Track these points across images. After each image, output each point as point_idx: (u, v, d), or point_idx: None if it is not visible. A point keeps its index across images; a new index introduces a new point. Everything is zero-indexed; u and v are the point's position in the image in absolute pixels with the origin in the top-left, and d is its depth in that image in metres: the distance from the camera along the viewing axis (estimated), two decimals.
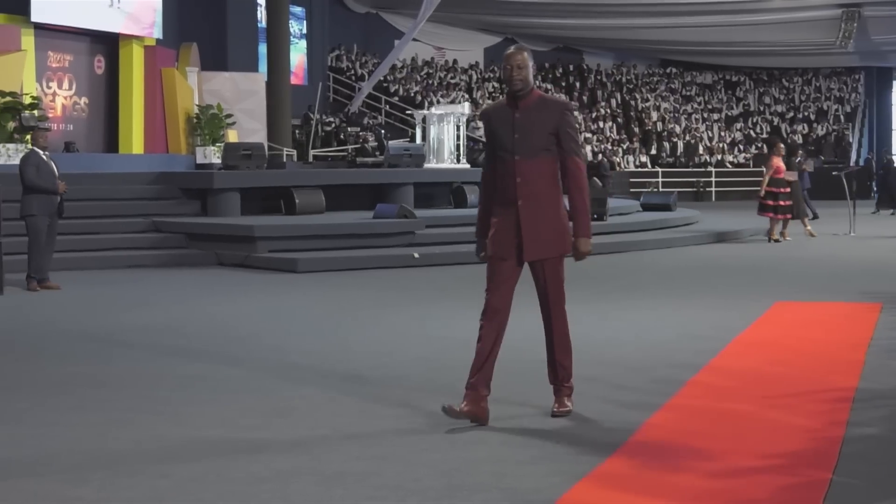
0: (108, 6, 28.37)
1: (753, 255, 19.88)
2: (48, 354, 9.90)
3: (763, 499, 5.38)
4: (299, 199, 20.95)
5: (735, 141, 49.05)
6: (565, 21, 46.85)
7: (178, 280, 16.16)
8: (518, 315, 7.70)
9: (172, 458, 6.22)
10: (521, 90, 6.87)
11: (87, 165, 23.86)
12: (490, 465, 6.02)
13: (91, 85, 29.22)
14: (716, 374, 8.66)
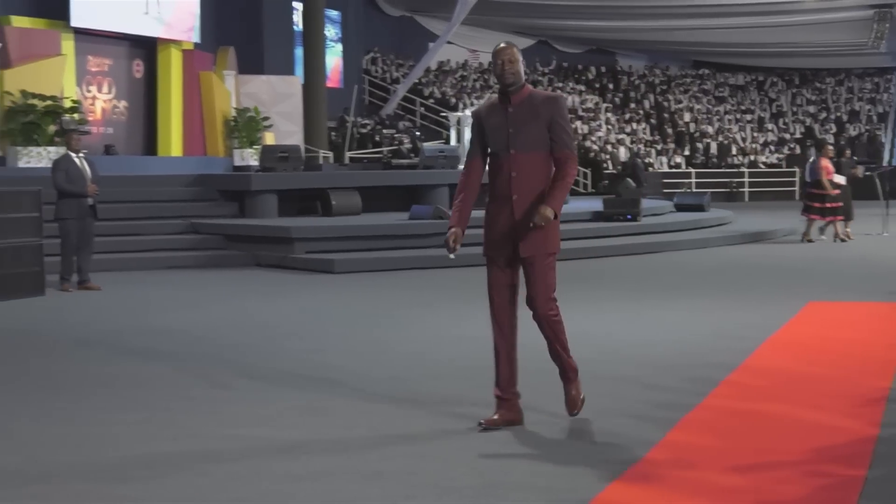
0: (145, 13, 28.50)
1: (787, 256, 19.79)
2: (89, 354, 9.95)
3: (797, 498, 5.36)
4: (336, 201, 20.99)
5: (767, 142, 48.85)
6: (598, 23, 46.81)
7: (217, 281, 16.23)
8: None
9: (212, 456, 6.25)
10: (512, 84, 6.76)
11: (126, 168, 24.02)
12: (525, 464, 6.02)
13: (130, 88, 29.36)
14: (750, 374, 8.63)
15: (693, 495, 5.38)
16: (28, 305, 13.60)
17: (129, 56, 29.26)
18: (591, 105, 49.83)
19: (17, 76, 25.02)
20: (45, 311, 13.07)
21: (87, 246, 15.17)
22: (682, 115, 50.43)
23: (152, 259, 18.25)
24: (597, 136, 46.54)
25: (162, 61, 29.66)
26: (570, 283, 15.25)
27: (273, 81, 33.36)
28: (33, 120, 24.57)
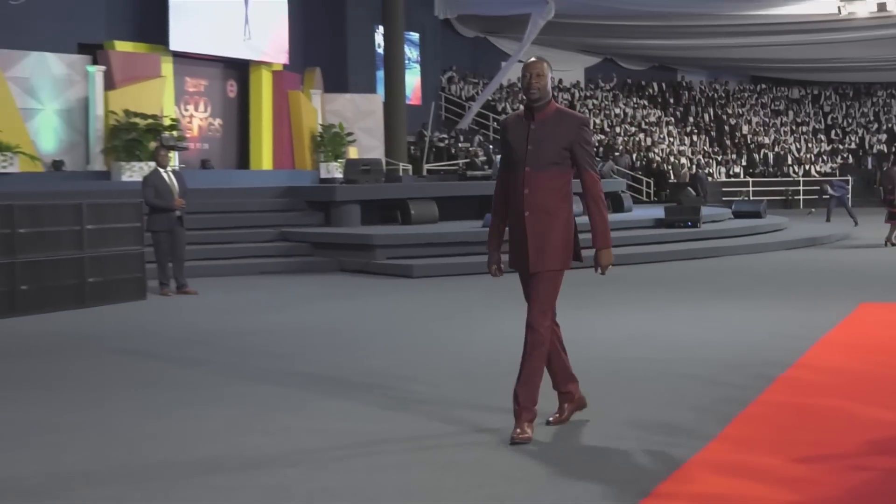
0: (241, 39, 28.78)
1: (839, 260, 19.58)
2: (187, 354, 10.06)
3: (851, 488, 5.30)
4: (414, 210, 21.05)
5: (821, 152, 48.42)
6: (661, 41, 46.61)
7: (304, 285, 16.33)
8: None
9: (299, 448, 6.29)
10: (538, 100, 6.41)
11: (220, 181, 24.28)
12: (590, 455, 6.01)
13: (224, 107, 29.67)
14: (804, 371, 8.55)
15: (752, 484, 5.35)
16: (131, 309, 13.76)
17: (224, 77, 29.57)
18: (653, 119, 49.58)
19: (121, 97, 25.36)
20: (147, 315, 13.22)
21: (179, 254, 15.29)
22: (740, 127, 50.09)
23: (245, 265, 18.41)
24: (659, 148, 46.31)
25: (254, 82, 29.95)
26: (634, 287, 15.23)
27: (356, 100, 33.54)
28: (135, 137, 24.88)
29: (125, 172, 24.34)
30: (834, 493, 5.23)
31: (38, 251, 13.35)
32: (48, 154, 24.61)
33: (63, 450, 6.36)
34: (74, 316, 13.06)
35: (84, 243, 13.92)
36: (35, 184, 21.85)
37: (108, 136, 25.18)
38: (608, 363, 9.01)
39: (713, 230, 23.54)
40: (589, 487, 5.37)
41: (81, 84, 25.35)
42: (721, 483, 5.42)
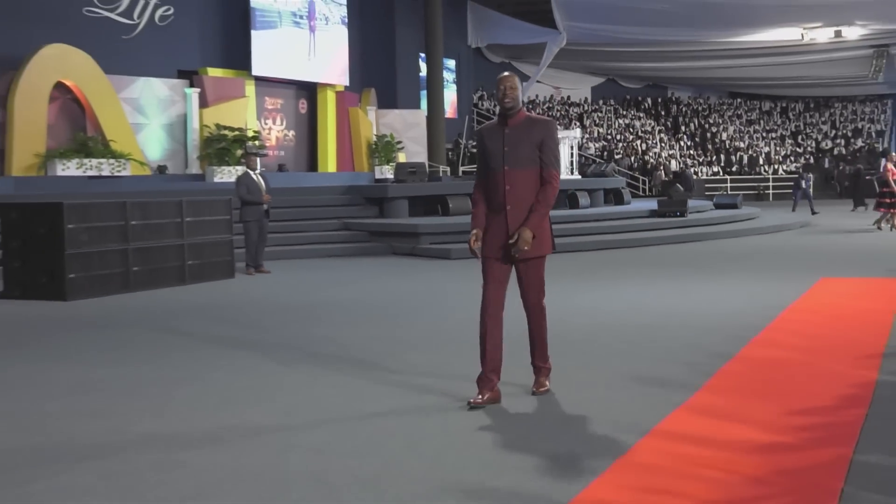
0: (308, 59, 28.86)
1: (802, 243, 19.45)
2: (266, 321, 10.11)
3: (813, 427, 5.28)
4: (452, 204, 21.05)
5: (787, 154, 48.08)
6: (654, 64, 46.41)
7: (363, 266, 16.37)
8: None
9: (361, 402, 6.31)
10: (511, 108, 6.06)
11: (294, 181, 24.41)
12: (597, 400, 6.01)
13: (297, 121, 29.79)
14: (774, 333, 8.51)
15: (733, 426, 5.33)
16: (222, 285, 13.86)
17: (296, 96, 29.69)
18: (648, 128, 49.36)
19: (213, 113, 25.53)
20: (235, 289, 13.30)
21: (263, 241, 15.44)
22: (720, 134, 49.77)
23: (313, 250, 18.45)
24: (653, 151, 46.08)
25: (320, 100, 30.06)
26: (633, 266, 15.18)
27: (404, 114, 33.62)
28: (224, 146, 25.08)
29: (216, 175, 24.52)
30: (801, 434, 5.20)
31: (147, 239, 13.45)
32: (154, 160, 24.81)
33: (171, 398, 6.44)
34: (177, 291, 13.15)
35: (184, 233, 14.02)
36: (143, 185, 22.05)
37: (203, 145, 25.36)
38: (611, 329, 9.00)
39: (698, 219, 23.42)
40: (598, 426, 5.37)
41: (180, 103, 25.53)
42: (707, 424, 5.41)
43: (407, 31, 35.08)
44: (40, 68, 22.18)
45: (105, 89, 23.46)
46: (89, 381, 7.07)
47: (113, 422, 5.80)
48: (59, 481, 4.63)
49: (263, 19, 27.49)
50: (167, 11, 25.41)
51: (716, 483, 4.37)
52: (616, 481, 4.44)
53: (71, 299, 12.19)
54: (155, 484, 4.55)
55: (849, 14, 37.64)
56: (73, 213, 12.46)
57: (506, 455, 4.91)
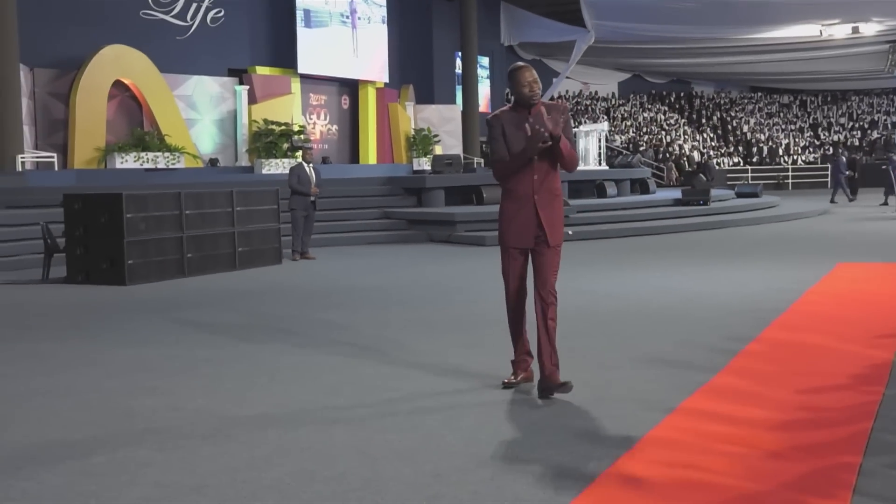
0: (352, 55, 28.88)
1: (820, 229, 19.25)
2: (311, 304, 10.13)
3: (833, 407, 5.23)
4: (486, 194, 21.00)
5: (806, 145, 47.59)
6: (678, 60, 46.02)
7: (402, 252, 16.38)
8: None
9: (399, 374, 6.34)
10: (535, 99, 5.70)
11: (338, 173, 24.42)
12: (625, 380, 5.98)
13: (340, 116, 29.84)
14: (793, 316, 8.43)
15: (753, 407, 5.28)
16: (270, 270, 13.92)
17: (339, 93, 29.74)
18: (672, 121, 49.01)
19: (261, 109, 25.64)
20: (282, 274, 13.35)
21: (309, 229, 15.49)
22: (741, 126, 49.34)
23: (356, 237, 18.50)
24: (676, 144, 45.76)
25: (362, 96, 30.11)
26: (658, 252, 15.09)
27: (441, 109, 33.56)
28: (272, 140, 25.19)
29: (265, 167, 24.62)
30: (820, 412, 5.16)
31: (200, 227, 13.53)
32: (206, 154, 24.97)
33: (223, 376, 6.47)
34: (228, 276, 13.23)
35: (234, 221, 14.09)
36: (197, 176, 22.18)
37: (252, 139, 25.48)
38: (638, 310, 8.96)
39: (720, 207, 23.23)
40: (625, 404, 5.35)
41: (231, 100, 25.65)
42: (729, 403, 5.36)
43: (443, 31, 35.01)
44: (100, 68, 22.37)
45: (160, 87, 23.62)
46: (147, 360, 7.12)
47: (169, 399, 5.84)
48: (118, 455, 4.67)
49: (315, 18, 27.56)
50: (218, 13, 25.51)
51: (737, 458, 4.33)
52: (643, 457, 4.41)
53: (130, 284, 12.29)
54: (208, 457, 4.58)
55: (866, 11, 37.11)
56: (131, 203, 12.57)
57: (538, 431, 4.90)
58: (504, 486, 4.03)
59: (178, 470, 4.39)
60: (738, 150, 46.99)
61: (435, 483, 4.11)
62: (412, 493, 3.99)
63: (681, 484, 4.02)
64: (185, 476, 4.30)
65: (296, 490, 4.07)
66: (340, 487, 4.09)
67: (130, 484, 4.21)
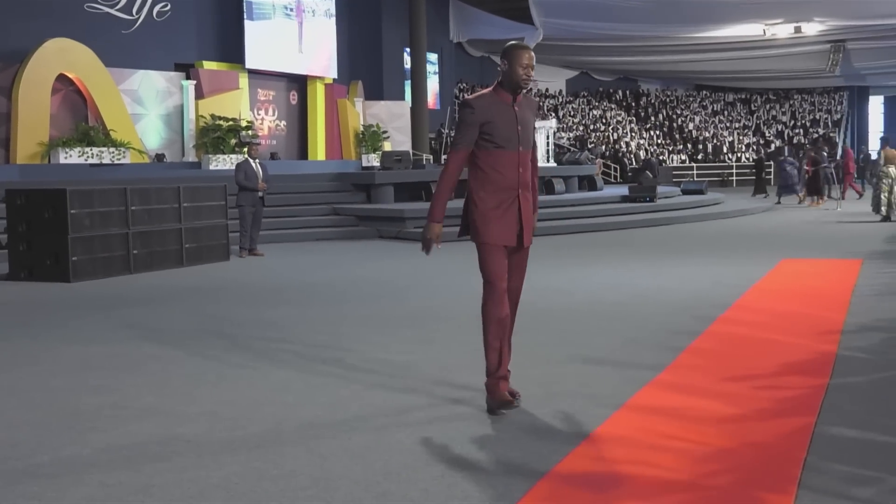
0: (298, 52, 28.71)
1: (764, 226, 19.51)
2: (262, 301, 10.06)
3: (779, 399, 5.29)
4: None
5: (750, 143, 48.19)
6: (625, 58, 46.43)
7: (351, 249, 16.33)
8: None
9: (351, 370, 6.29)
10: (527, 87, 5.24)
11: (286, 168, 24.29)
12: (575, 377, 6.00)
13: (288, 112, 29.62)
14: (740, 311, 8.52)
15: (700, 400, 5.33)
16: (218, 267, 13.80)
17: (287, 89, 29.51)
18: (619, 119, 49.37)
19: (208, 104, 25.37)
20: (230, 271, 13.24)
21: (257, 225, 15.37)
22: (687, 124, 49.83)
23: (305, 233, 18.41)
24: (623, 141, 46.10)
25: (310, 92, 29.90)
26: (606, 248, 15.18)
27: (389, 105, 33.46)
28: (220, 135, 24.92)
29: (212, 163, 24.37)
30: (765, 406, 5.21)
31: (147, 223, 13.37)
32: (152, 149, 24.64)
33: (170, 374, 6.39)
34: (175, 273, 13.09)
35: (182, 217, 13.94)
36: (143, 172, 21.90)
37: (199, 134, 25.20)
38: (587, 306, 9.00)
39: (666, 204, 23.46)
40: (574, 400, 5.36)
41: (177, 94, 25.35)
42: (677, 398, 5.40)
43: (392, 26, 34.91)
44: (43, 61, 21.98)
45: (105, 81, 23.27)
46: (92, 358, 7.01)
47: (114, 397, 5.75)
48: (63, 454, 4.58)
49: (258, 10, 27.32)
50: (164, 7, 25.19)
51: (685, 453, 4.36)
52: (592, 453, 4.42)
53: (74, 281, 12.11)
54: (154, 456, 4.51)
55: (808, 11, 37.70)
56: (76, 198, 12.37)
57: (487, 428, 4.89)
58: (454, 484, 4.03)
59: (123, 470, 4.32)
60: (685, 148, 47.48)
61: (385, 481, 4.09)
62: (362, 492, 3.96)
63: (629, 479, 4.03)
64: (130, 476, 4.23)
65: (244, 489, 4.02)
66: (289, 486, 4.05)
67: (75, 484, 4.13)
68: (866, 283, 10.19)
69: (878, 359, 6.38)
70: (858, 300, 8.99)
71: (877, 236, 16.22)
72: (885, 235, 16.39)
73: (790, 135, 49.05)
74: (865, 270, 11.38)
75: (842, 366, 6.14)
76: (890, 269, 11.62)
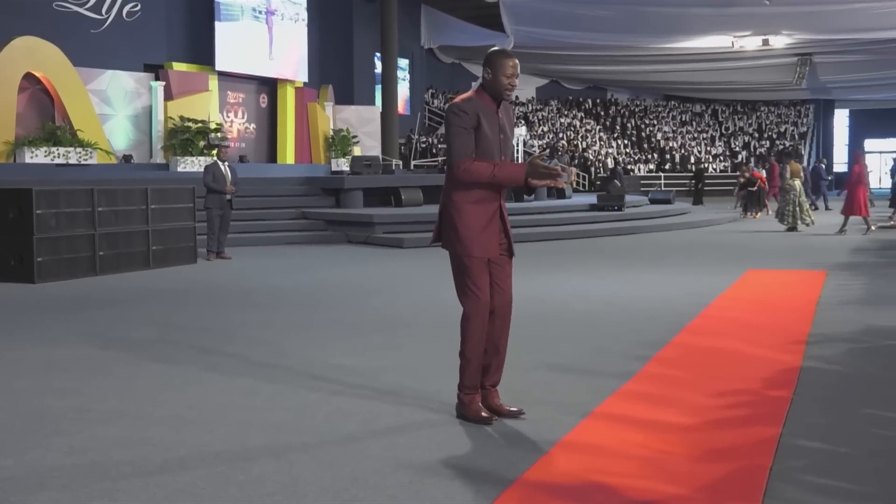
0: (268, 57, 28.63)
1: (730, 236, 19.66)
2: (229, 304, 10.00)
3: (743, 410, 5.32)
4: (405, 196, 21.00)
5: (717, 154, 48.55)
6: (595, 67, 46.68)
7: (320, 253, 16.28)
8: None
9: (317, 376, 6.27)
10: (510, 97, 5.09)
11: (255, 172, 24.22)
12: (543, 385, 6.00)
13: (258, 115, 29.55)
14: (706, 321, 8.58)
15: (667, 411, 5.35)
16: (185, 270, 13.71)
17: (257, 91, 29.45)
18: (588, 127, 49.59)
19: (177, 106, 25.25)
20: (197, 274, 13.16)
21: (225, 228, 15.28)
22: (655, 134, 50.13)
23: (273, 237, 18.33)
24: (592, 149, 46.32)
25: (280, 95, 29.86)
26: (575, 256, 15.24)
27: (360, 110, 33.47)
28: (188, 137, 24.83)
29: (180, 164, 24.27)
30: (731, 415, 5.24)
31: (114, 225, 13.26)
32: (120, 150, 24.50)
33: (136, 377, 6.33)
34: (142, 275, 12.99)
35: (149, 219, 13.84)
36: (110, 173, 21.75)
37: (167, 136, 25.08)
38: (555, 314, 9.02)
39: (634, 213, 23.60)
40: (542, 408, 5.36)
41: (146, 95, 25.21)
42: (644, 407, 5.42)
43: (363, 32, 34.92)
44: (10, 59, 21.77)
45: (73, 81, 23.09)
46: (57, 360, 6.94)
47: (79, 400, 5.69)
48: (26, 458, 4.53)
49: (226, 12, 27.21)
50: (134, 7, 25.04)
51: (651, 461, 4.38)
52: (560, 461, 4.43)
53: (39, 282, 11.98)
54: (119, 460, 4.47)
55: (776, 24, 38.11)
56: (42, 198, 12.25)
57: (456, 435, 4.89)
58: (422, 491, 4.02)
59: (88, 474, 4.27)
60: (653, 157, 47.75)
61: (353, 487, 4.07)
62: (330, 498, 3.94)
63: (596, 488, 4.05)
64: (95, 480, 4.18)
65: (210, 494, 3.99)
66: (256, 492, 4.03)
67: (39, 488, 4.08)
68: (831, 294, 10.29)
69: (842, 369, 6.45)
70: (823, 311, 9.07)
71: (841, 248, 16.40)
72: (849, 247, 16.57)
73: (756, 146, 49.48)
74: (830, 281, 11.50)
75: (807, 376, 6.19)
76: (854, 280, 11.75)
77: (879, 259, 14.52)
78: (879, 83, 46.22)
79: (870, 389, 5.88)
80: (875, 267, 13.31)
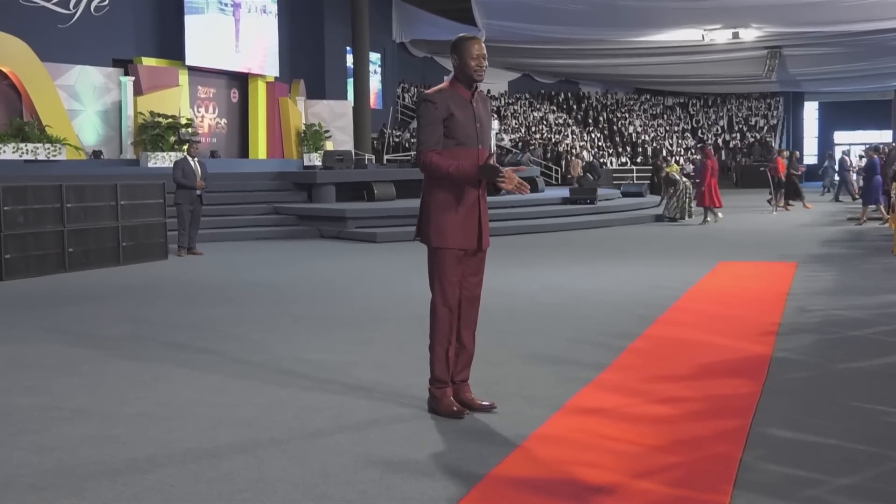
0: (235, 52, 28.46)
1: (702, 229, 19.75)
2: (200, 300, 9.94)
3: (716, 399, 5.34)
4: (377, 190, 20.95)
5: (688, 146, 48.79)
6: (566, 61, 46.68)
7: (292, 248, 16.21)
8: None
9: (288, 374, 6.24)
10: (481, 80, 5.03)
11: (226, 167, 24.05)
12: (515, 379, 6.00)
13: (229, 110, 29.36)
14: (677, 313, 8.61)
15: (638, 403, 5.36)
16: (156, 266, 13.61)
17: (228, 86, 29.25)
18: (560, 121, 49.66)
19: (147, 101, 25.04)
20: (168, 270, 13.08)
21: (196, 224, 15.20)
22: (627, 127, 50.29)
23: (244, 233, 18.25)
24: (565, 143, 46.39)
25: (252, 90, 29.67)
26: (547, 250, 15.25)
27: (332, 104, 33.31)
28: (159, 132, 24.59)
29: (150, 160, 24.04)
30: (702, 407, 5.26)
31: (83, 221, 13.15)
32: (89, 145, 24.25)
33: (104, 374, 6.27)
34: (112, 272, 12.89)
35: (119, 215, 13.73)
36: (79, 169, 21.52)
37: (137, 131, 24.85)
38: (527, 307, 9.03)
39: (606, 206, 23.61)
40: (514, 401, 5.35)
41: (116, 91, 24.97)
42: (615, 399, 5.43)
43: (335, 25, 34.76)
44: None
45: (41, 76, 22.84)
46: (24, 358, 6.87)
47: (47, 398, 5.63)
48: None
49: (190, 4, 27.00)
50: (103, 2, 24.80)
51: (622, 454, 4.38)
52: (531, 454, 4.43)
53: (7, 279, 11.86)
54: (87, 458, 4.42)
55: (746, 17, 38.25)
56: (9, 195, 12.13)
57: (427, 430, 4.88)
58: (393, 486, 4.00)
59: (55, 473, 4.23)
60: (625, 151, 47.91)
61: (323, 483, 4.05)
62: (300, 494, 3.92)
63: (568, 481, 4.04)
64: (62, 479, 4.14)
65: (180, 492, 3.96)
66: (226, 488, 4.00)
67: (5, 487, 4.03)
68: (801, 286, 10.36)
69: (812, 360, 6.48)
70: (793, 303, 9.13)
71: (812, 240, 16.51)
72: (819, 239, 16.69)
73: (727, 139, 49.74)
74: (800, 273, 11.57)
75: (776, 367, 6.23)
76: (824, 272, 11.83)
77: (850, 251, 14.64)
78: (848, 76, 46.52)
79: (839, 379, 5.92)
80: (845, 259, 13.41)
